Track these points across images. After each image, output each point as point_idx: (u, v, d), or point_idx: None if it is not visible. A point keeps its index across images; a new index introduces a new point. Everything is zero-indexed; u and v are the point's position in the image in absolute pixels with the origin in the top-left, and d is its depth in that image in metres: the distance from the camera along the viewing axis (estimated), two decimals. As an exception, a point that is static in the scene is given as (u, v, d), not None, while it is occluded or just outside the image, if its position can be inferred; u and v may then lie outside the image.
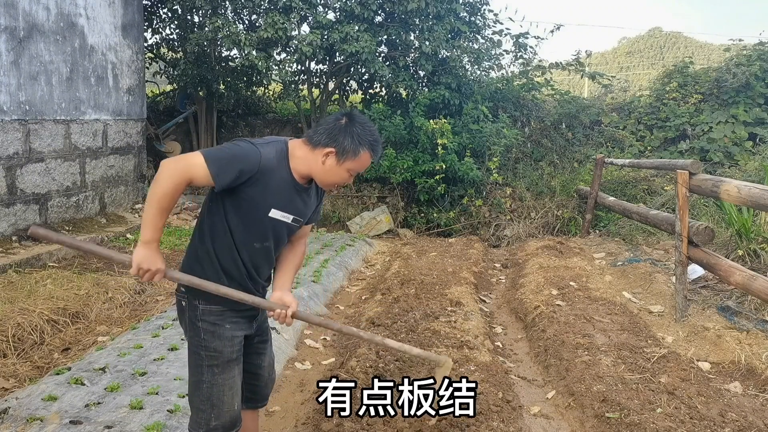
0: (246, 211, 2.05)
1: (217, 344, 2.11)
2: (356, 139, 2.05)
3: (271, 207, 2.07)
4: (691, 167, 4.68)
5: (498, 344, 4.50)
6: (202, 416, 2.14)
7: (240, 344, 2.18)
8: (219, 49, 9.39)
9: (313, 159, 2.07)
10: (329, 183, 2.14)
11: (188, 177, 1.95)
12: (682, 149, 9.30)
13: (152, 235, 2.00)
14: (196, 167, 1.95)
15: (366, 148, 2.07)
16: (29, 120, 6.17)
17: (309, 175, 2.12)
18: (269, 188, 2.04)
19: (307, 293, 5.16)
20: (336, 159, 2.06)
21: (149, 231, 1.99)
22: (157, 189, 1.96)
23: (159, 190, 1.95)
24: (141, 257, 1.99)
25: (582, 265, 6.10)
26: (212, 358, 2.12)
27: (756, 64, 9.26)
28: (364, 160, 2.09)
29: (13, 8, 5.89)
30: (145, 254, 1.99)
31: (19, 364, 3.64)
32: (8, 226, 5.94)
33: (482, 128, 8.92)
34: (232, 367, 2.15)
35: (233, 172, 1.96)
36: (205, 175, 1.95)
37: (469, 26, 9.24)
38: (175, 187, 1.96)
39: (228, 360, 2.13)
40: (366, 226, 8.86)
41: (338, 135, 2.05)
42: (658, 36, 37.87)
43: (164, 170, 1.96)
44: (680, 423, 2.99)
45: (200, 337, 2.13)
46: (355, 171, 2.11)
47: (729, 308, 4.59)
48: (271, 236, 2.13)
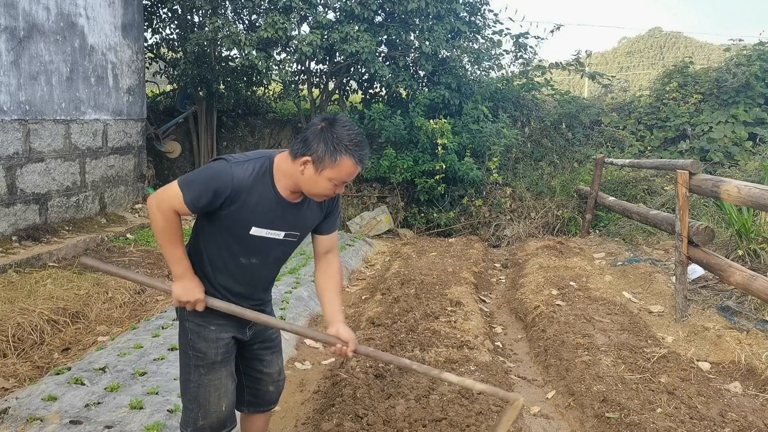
0: (227, 229, 2.04)
1: (202, 345, 2.12)
2: (332, 144, 1.89)
3: (252, 225, 2.02)
4: (691, 167, 4.68)
5: (498, 344, 4.50)
6: (191, 415, 2.16)
7: (227, 347, 2.16)
8: (219, 49, 9.38)
9: (295, 170, 1.96)
10: (314, 194, 2.00)
11: (171, 207, 1.98)
12: (682, 149, 9.30)
13: (179, 269, 2.05)
14: (174, 198, 1.97)
15: (345, 154, 1.90)
16: (29, 120, 6.17)
17: (296, 189, 2.02)
18: (247, 206, 1.98)
19: (307, 293, 5.16)
20: (314, 168, 1.92)
21: (174, 266, 2.05)
22: (155, 228, 2.03)
23: (156, 228, 2.02)
24: (179, 292, 2.05)
25: (582, 265, 6.10)
26: (198, 359, 2.13)
27: (756, 64, 9.25)
28: (345, 167, 1.91)
29: (13, 8, 5.88)
30: (182, 288, 2.05)
31: (19, 364, 3.64)
32: (8, 226, 5.94)
33: (482, 128, 8.92)
34: (218, 369, 2.14)
35: (207, 196, 1.94)
36: (181, 203, 1.96)
37: (469, 26, 9.24)
38: (167, 220, 1.99)
39: (213, 362, 2.13)
40: (366, 226, 8.86)
41: (313, 142, 1.91)
42: (658, 36, 37.87)
43: (150, 208, 2.02)
44: (680, 423, 2.99)
45: (187, 337, 2.15)
46: (338, 180, 1.94)
47: (729, 308, 4.59)
48: (259, 252, 2.09)
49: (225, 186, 1.94)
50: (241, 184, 1.95)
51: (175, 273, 2.05)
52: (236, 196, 1.96)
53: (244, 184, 1.96)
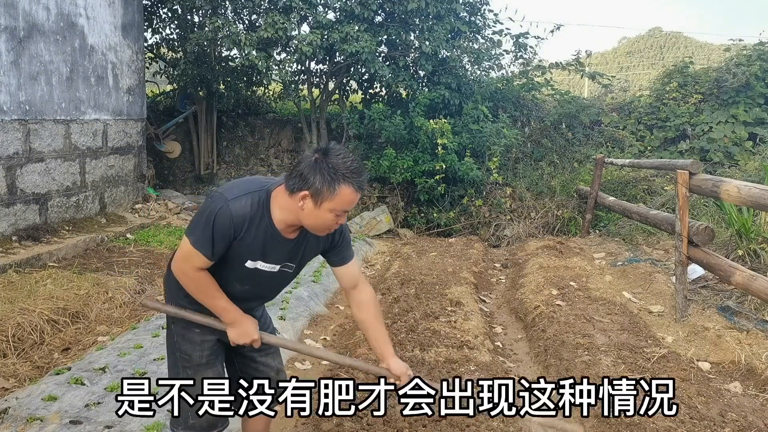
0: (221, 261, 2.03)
1: (187, 347, 2.15)
2: (328, 174, 1.84)
3: (247, 258, 2.02)
4: (691, 167, 4.68)
5: (498, 344, 4.50)
6: (180, 415, 2.17)
7: (212, 349, 2.18)
8: (219, 49, 9.39)
9: (294, 205, 1.91)
10: (318, 228, 1.96)
11: (195, 268, 1.99)
12: (682, 149, 9.30)
13: (229, 318, 2.09)
14: (193, 258, 1.97)
15: (343, 183, 1.85)
16: (29, 120, 6.17)
17: (296, 224, 1.99)
18: (244, 241, 1.97)
19: (307, 293, 5.16)
20: (312, 201, 1.87)
21: (224, 316, 2.10)
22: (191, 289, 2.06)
23: (192, 288, 2.06)
24: (234, 335, 2.11)
25: (582, 265, 6.10)
26: (184, 361, 2.16)
27: (756, 64, 9.26)
28: (345, 195, 1.86)
29: (13, 8, 5.88)
30: (236, 333, 2.11)
31: (19, 364, 3.63)
32: (8, 226, 5.93)
33: (482, 128, 8.92)
34: (204, 371, 2.16)
35: (222, 243, 1.96)
36: (203, 260, 1.97)
37: (469, 26, 9.24)
38: (198, 280, 2.02)
39: (198, 364, 2.16)
40: (366, 226, 8.86)
41: (309, 175, 1.85)
42: (658, 36, 37.87)
43: (179, 276, 2.06)
44: (680, 423, 2.99)
45: (173, 339, 2.18)
46: (339, 210, 1.89)
47: (729, 308, 4.59)
48: (252, 282, 2.11)
49: (228, 228, 1.94)
50: (240, 220, 1.94)
51: (227, 321, 2.10)
52: (236, 233, 1.96)
53: (243, 220, 1.94)
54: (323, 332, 4.62)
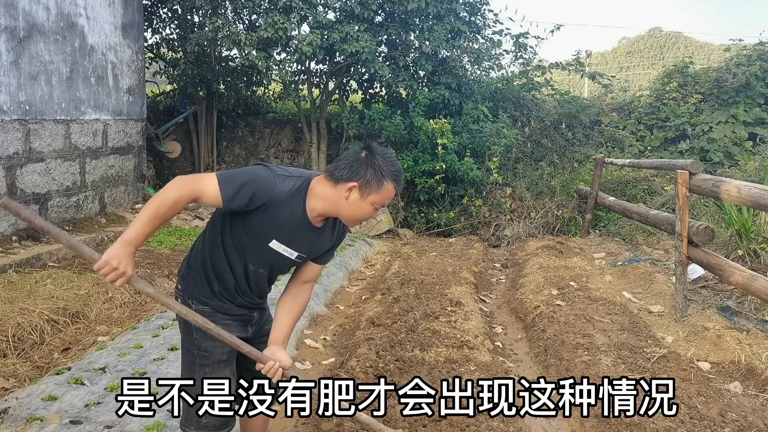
0: (246, 235, 2.06)
1: (208, 344, 2.13)
2: (379, 171, 2.00)
3: (273, 238, 2.05)
4: (691, 167, 4.68)
5: (498, 344, 4.50)
6: (193, 414, 2.16)
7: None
8: (219, 49, 9.39)
9: (336, 195, 2.02)
10: (355, 219, 2.08)
11: (196, 193, 1.95)
12: (682, 149, 9.30)
13: (135, 237, 1.90)
14: (208, 187, 1.95)
15: (389, 180, 2.02)
16: (29, 120, 6.17)
17: (328, 213, 2.08)
18: (274, 220, 2.02)
19: (307, 293, 5.16)
20: (360, 193, 2.00)
21: (134, 232, 1.90)
22: (160, 194, 1.94)
23: (162, 195, 1.93)
24: (115, 253, 1.85)
25: (582, 265, 6.10)
26: (204, 358, 2.14)
27: (756, 64, 9.26)
28: (388, 191, 2.03)
29: (13, 8, 5.89)
30: (121, 253, 1.85)
31: (19, 364, 3.63)
32: (8, 226, 5.94)
33: (482, 128, 8.92)
34: (223, 368, 2.16)
35: (245, 198, 1.95)
36: (215, 195, 1.94)
37: (469, 26, 9.24)
38: (178, 198, 1.94)
39: (218, 361, 2.15)
40: (366, 226, 8.85)
41: (360, 168, 2.00)
42: (658, 36, 37.90)
43: (174, 182, 1.97)
44: (680, 423, 2.99)
45: (192, 336, 2.14)
46: (379, 204, 2.05)
47: (729, 308, 4.59)
48: (268, 265, 2.13)
49: (264, 195, 1.96)
50: (278, 198, 1.99)
51: (127, 236, 1.89)
52: (270, 207, 1.99)
53: (281, 199, 1.99)
54: (323, 332, 4.62)
